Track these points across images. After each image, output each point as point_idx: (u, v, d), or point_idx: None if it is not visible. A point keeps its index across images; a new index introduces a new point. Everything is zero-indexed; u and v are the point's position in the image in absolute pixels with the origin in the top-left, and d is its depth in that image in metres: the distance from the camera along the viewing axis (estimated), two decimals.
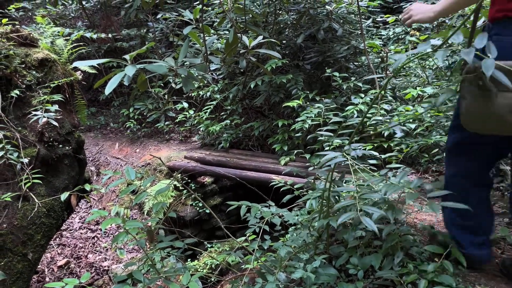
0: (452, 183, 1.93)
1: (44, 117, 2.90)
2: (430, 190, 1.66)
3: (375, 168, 2.13)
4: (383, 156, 2.46)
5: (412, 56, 1.34)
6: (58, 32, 3.96)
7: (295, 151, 4.64)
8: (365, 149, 1.97)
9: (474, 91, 1.56)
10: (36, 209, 2.90)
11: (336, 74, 4.56)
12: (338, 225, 1.71)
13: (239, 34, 2.17)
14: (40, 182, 2.87)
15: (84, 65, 1.90)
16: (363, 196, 1.71)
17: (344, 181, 2.09)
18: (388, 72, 4.87)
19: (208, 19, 5.87)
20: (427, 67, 4.74)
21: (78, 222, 5.46)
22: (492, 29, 1.65)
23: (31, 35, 3.31)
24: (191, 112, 5.89)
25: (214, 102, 5.64)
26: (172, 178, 4.97)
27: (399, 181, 1.75)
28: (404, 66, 5.31)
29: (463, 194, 1.87)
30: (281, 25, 5.35)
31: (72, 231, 5.31)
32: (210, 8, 5.76)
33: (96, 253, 4.96)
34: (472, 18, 1.70)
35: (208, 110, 5.64)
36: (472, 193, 1.89)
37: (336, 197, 2.11)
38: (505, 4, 1.62)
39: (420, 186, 1.73)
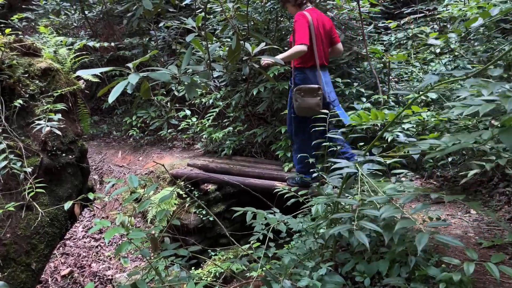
0: (302, 147, 3.81)
1: (47, 126, 2.90)
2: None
3: (380, 173, 2.11)
4: (387, 162, 2.44)
5: (444, 81, 1.39)
6: (61, 41, 3.98)
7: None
8: (378, 162, 1.95)
9: (299, 97, 3.61)
10: (39, 219, 2.89)
11: (339, 80, 4.55)
12: (332, 234, 1.76)
13: (241, 41, 2.17)
14: (44, 191, 2.86)
15: (87, 73, 1.90)
16: (363, 212, 1.71)
17: (350, 187, 2.07)
18: (390, 77, 4.86)
19: (210, 27, 5.89)
20: (430, 72, 4.73)
21: (82, 231, 5.45)
22: (295, 71, 3.74)
23: (34, 44, 3.33)
24: (194, 119, 5.89)
25: (217, 109, 5.64)
26: (175, 186, 4.95)
27: (402, 202, 1.76)
28: (406, 71, 5.31)
29: (308, 152, 3.56)
30: (283, 32, 5.36)
31: (76, 240, 5.29)
32: (212, 16, 5.79)
33: (99, 262, 4.94)
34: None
35: (211, 117, 5.64)
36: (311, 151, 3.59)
37: (342, 203, 2.09)
38: (304, 62, 3.67)
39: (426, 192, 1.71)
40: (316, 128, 3.05)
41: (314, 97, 3.54)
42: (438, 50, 4.50)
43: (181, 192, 4.97)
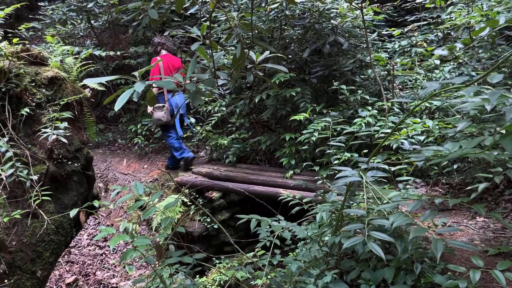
0: (172, 142, 5.47)
1: (53, 134, 2.93)
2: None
3: (385, 181, 2.11)
4: (392, 169, 2.44)
5: (446, 88, 1.39)
6: (68, 50, 4.03)
7: (304, 164, 4.62)
8: (382, 170, 1.95)
9: (154, 112, 5.39)
10: (45, 226, 2.90)
11: (343, 87, 4.55)
12: (338, 242, 1.75)
13: (246, 50, 2.19)
14: (49, 199, 2.87)
15: (93, 82, 1.93)
16: (372, 222, 1.71)
17: (354, 195, 2.07)
18: (394, 84, 4.87)
19: (215, 35, 5.93)
20: (434, 79, 4.73)
21: (87, 239, 5.46)
22: (157, 95, 5.43)
23: (41, 54, 3.37)
24: (198, 127, 5.92)
25: (219, 114, 5.68)
26: (180, 193, 4.96)
27: (411, 209, 1.75)
28: (410, 79, 5.31)
29: (177, 142, 5.47)
30: (287, 40, 5.39)
31: (81, 248, 5.30)
32: (216, 25, 5.83)
33: (104, 270, 4.94)
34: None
35: (213, 121, 5.68)
36: (177, 140, 5.48)
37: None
38: (160, 89, 5.39)
39: (430, 198, 1.71)
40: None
41: (160, 111, 5.30)
42: (438, 62, 4.50)
43: (185, 200, 4.97)
